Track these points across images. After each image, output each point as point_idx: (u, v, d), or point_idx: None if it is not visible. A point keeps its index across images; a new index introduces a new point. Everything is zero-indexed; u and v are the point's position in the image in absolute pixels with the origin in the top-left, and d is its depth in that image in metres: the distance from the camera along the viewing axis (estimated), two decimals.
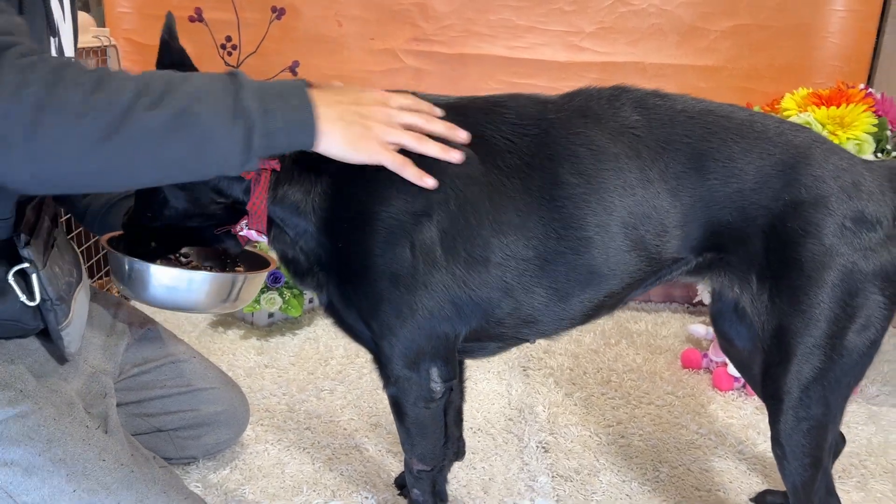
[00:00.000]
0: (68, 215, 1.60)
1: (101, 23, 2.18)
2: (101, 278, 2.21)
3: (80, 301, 1.17)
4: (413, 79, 2.24)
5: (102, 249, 2.16)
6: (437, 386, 1.11)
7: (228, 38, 2.20)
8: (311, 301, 2.27)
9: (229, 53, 2.22)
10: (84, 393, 1.20)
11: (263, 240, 1.12)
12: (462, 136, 1.02)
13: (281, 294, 2.13)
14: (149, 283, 1.16)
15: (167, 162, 0.85)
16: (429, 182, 0.99)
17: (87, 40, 1.97)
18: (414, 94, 1.07)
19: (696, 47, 2.20)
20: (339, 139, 0.93)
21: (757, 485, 1.52)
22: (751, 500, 1.47)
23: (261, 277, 1.27)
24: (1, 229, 1.03)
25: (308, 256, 1.10)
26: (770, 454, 1.60)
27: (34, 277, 1.04)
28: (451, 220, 1.02)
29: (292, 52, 2.22)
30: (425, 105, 1.03)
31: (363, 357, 2.00)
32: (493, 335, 1.12)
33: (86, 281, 1.22)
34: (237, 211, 1.10)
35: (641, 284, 1.11)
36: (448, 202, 1.02)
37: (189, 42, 2.30)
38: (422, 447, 1.18)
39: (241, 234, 1.12)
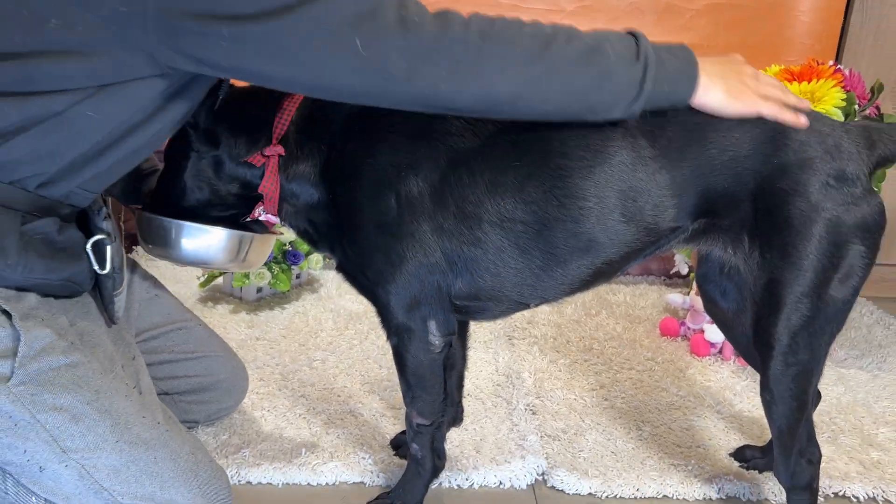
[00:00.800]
0: None
1: None
2: None
3: (126, 270, 1.26)
4: None
5: None
6: (436, 339, 1.18)
7: None
8: (297, 276, 2.30)
9: None
10: (118, 353, 1.23)
11: (277, 220, 1.20)
12: (806, 106, 1.11)
13: (270, 269, 2.16)
14: (173, 238, 1.23)
15: (575, 88, 1.00)
16: (802, 120, 1.09)
17: None
18: None
19: (674, 25, 2.26)
20: (719, 91, 1.05)
21: (735, 441, 1.60)
22: (730, 454, 1.55)
23: (270, 241, 1.31)
24: (86, 200, 1.10)
25: (318, 223, 1.18)
26: (746, 413, 1.70)
27: (108, 248, 1.11)
28: (442, 175, 1.09)
29: None
30: (781, 84, 1.13)
31: (352, 329, 2.05)
32: (492, 296, 1.17)
33: (125, 255, 1.28)
34: (251, 199, 1.20)
35: (641, 253, 1.17)
36: (438, 158, 1.09)
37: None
38: (422, 400, 1.24)
39: (260, 218, 1.21)
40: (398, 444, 1.51)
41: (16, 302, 1.04)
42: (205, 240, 1.22)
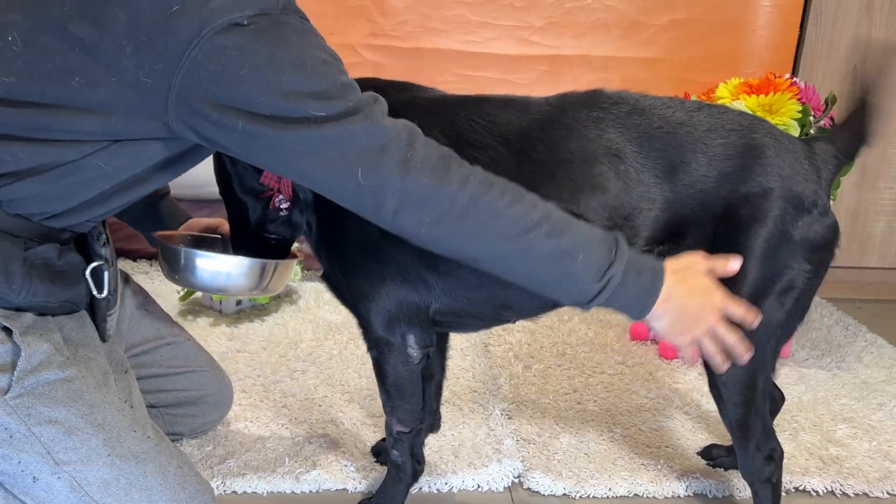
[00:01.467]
0: None
1: None
2: None
3: (120, 290, 1.29)
4: (371, 72, 2.32)
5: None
6: (414, 351, 1.24)
7: None
8: None
9: None
10: (113, 367, 1.27)
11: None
12: (744, 360, 1.15)
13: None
14: (195, 268, 1.29)
15: (535, 277, 1.06)
16: (723, 368, 1.16)
17: None
18: (412, 85, 1.27)
19: (638, 40, 2.35)
20: (663, 325, 1.09)
21: (702, 440, 1.67)
22: (697, 453, 1.62)
23: (291, 266, 1.36)
24: (86, 227, 1.14)
25: (313, 228, 1.27)
26: (712, 413, 1.77)
27: (106, 274, 1.16)
28: None
29: None
30: (750, 317, 1.13)
31: (332, 339, 2.09)
32: (472, 313, 1.25)
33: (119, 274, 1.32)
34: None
35: None
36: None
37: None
38: (401, 409, 1.29)
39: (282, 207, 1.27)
40: (379, 451, 1.56)
41: (15, 319, 1.08)
42: (228, 268, 1.28)
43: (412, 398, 1.29)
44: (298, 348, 2.04)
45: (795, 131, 1.97)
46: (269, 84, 0.93)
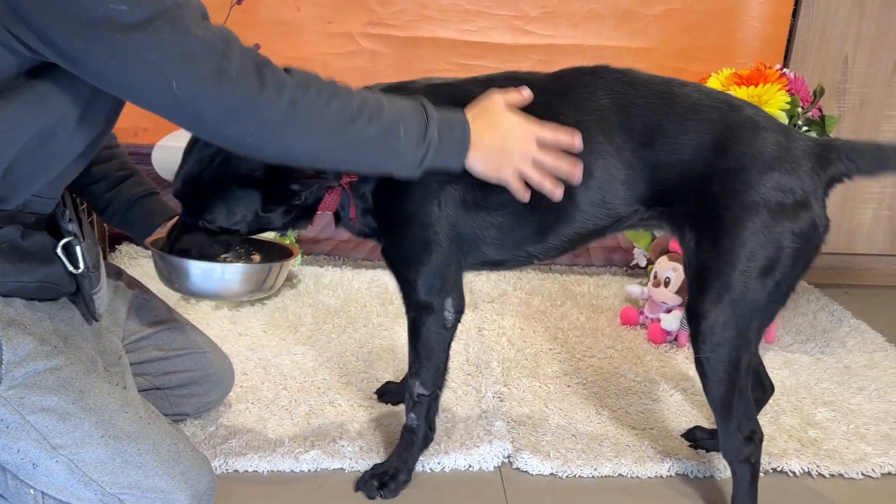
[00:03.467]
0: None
1: None
2: None
3: (103, 267, 1.33)
4: (369, 61, 2.37)
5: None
6: (450, 315, 1.41)
7: None
8: None
9: None
10: (101, 353, 1.33)
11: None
12: (578, 177, 1.27)
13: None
14: (189, 276, 1.34)
15: (366, 159, 1.17)
16: (558, 194, 1.27)
17: None
18: (417, 80, 1.39)
19: (632, 30, 2.38)
20: (481, 167, 1.23)
21: (686, 422, 1.73)
22: (681, 435, 1.68)
23: (288, 265, 1.42)
24: (47, 206, 1.18)
25: (370, 224, 1.42)
26: (697, 396, 1.84)
27: (78, 249, 1.20)
28: (465, 182, 1.31)
29: (253, 35, 2.31)
30: (565, 139, 1.25)
31: (331, 323, 2.15)
32: (500, 259, 1.43)
33: (100, 252, 1.36)
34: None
35: (608, 228, 1.39)
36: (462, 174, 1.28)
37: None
38: (426, 371, 1.43)
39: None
40: (383, 392, 1.77)
41: (1, 309, 1.13)
42: (230, 275, 1.35)
43: (437, 361, 1.43)
44: (298, 332, 2.10)
45: (784, 122, 2.01)
46: None
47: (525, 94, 1.27)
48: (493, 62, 2.39)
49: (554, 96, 1.32)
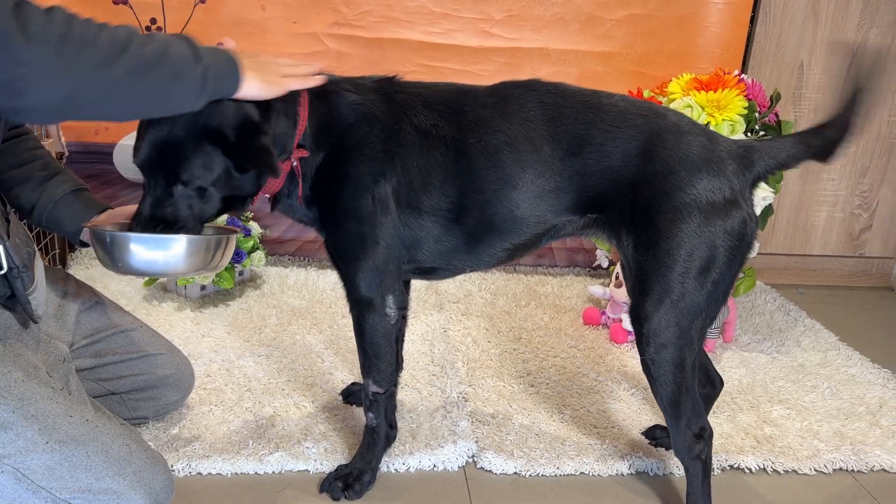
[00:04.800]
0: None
1: None
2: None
3: (39, 268, 1.30)
4: (335, 61, 2.36)
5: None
6: (392, 311, 1.41)
7: (153, 21, 2.26)
8: (241, 274, 2.39)
9: None
10: (44, 358, 1.31)
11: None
12: (315, 66, 1.35)
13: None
14: (131, 252, 1.26)
15: (151, 89, 1.09)
16: (317, 80, 1.32)
17: None
18: (369, 77, 1.42)
19: (595, 34, 2.41)
20: (255, 82, 1.21)
21: (647, 421, 1.77)
22: (641, 433, 1.72)
23: (234, 241, 1.40)
24: None
25: (308, 212, 1.41)
26: None
27: (1, 248, 1.17)
28: (398, 179, 1.33)
29: (217, 34, 2.27)
30: (301, 65, 1.32)
31: (295, 324, 2.15)
32: (434, 266, 1.42)
33: (37, 251, 1.34)
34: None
35: (543, 238, 1.41)
36: (396, 166, 1.33)
37: (114, 23, 2.35)
38: (377, 369, 1.44)
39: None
40: (349, 393, 1.78)
41: None
42: (172, 249, 1.26)
43: (386, 357, 1.44)
44: (262, 333, 2.09)
45: (742, 127, 2.06)
46: None
47: (315, 68, 1.33)
48: (457, 64, 2.40)
49: (487, 109, 1.35)
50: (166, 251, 1.27)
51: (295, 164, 1.34)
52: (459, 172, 1.34)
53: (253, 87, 1.21)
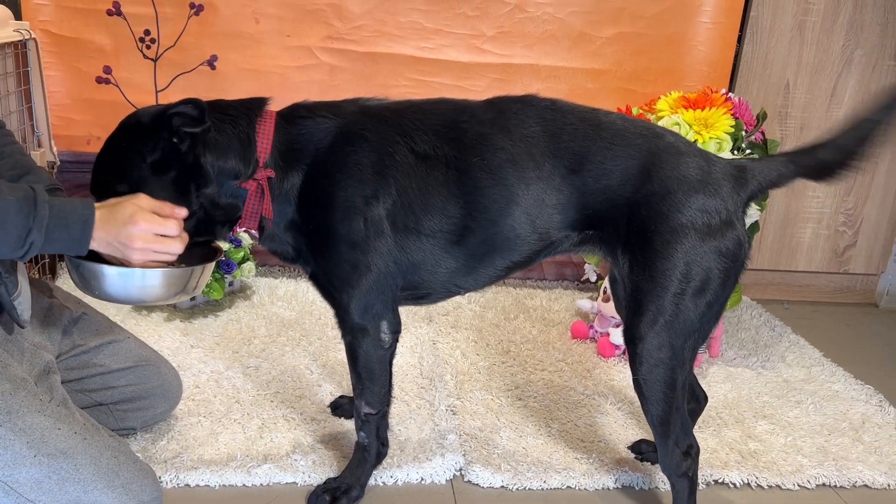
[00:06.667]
0: None
1: (17, 14, 2.20)
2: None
3: (23, 273, 1.30)
4: (327, 75, 2.38)
5: None
6: (386, 336, 1.40)
7: (147, 32, 2.28)
8: (230, 284, 2.39)
9: (147, 47, 2.29)
10: (30, 370, 1.31)
11: (253, 235, 1.33)
12: (182, 213, 1.26)
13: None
14: (107, 283, 1.26)
15: None
16: (177, 249, 1.24)
17: (7, 35, 2.00)
18: (359, 99, 1.39)
19: (585, 51, 2.45)
20: (103, 250, 1.19)
21: (633, 436, 1.78)
22: (628, 447, 1.73)
23: (211, 267, 1.40)
24: None
25: (294, 242, 1.38)
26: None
27: None
28: (393, 202, 1.32)
29: (210, 46, 2.31)
30: (167, 209, 1.23)
31: (285, 336, 2.16)
32: (430, 288, 1.41)
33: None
34: (231, 221, 1.37)
35: (541, 254, 1.42)
36: (391, 189, 1.31)
37: (107, 35, 2.39)
38: (370, 391, 1.43)
39: (240, 231, 1.34)
40: (336, 406, 1.77)
41: None
42: (150, 280, 1.27)
43: (380, 381, 1.44)
44: (252, 344, 2.09)
45: (728, 145, 2.09)
46: None
47: (179, 213, 1.25)
48: (449, 79, 2.43)
49: (486, 125, 1.35)
50: (142, 283, 1.27)
51: (262, 183, 1.32)
52: (462, 192, 1.33)
53: (101, 248, 1.19)
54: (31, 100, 2.25)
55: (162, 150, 1.26)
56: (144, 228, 1.18)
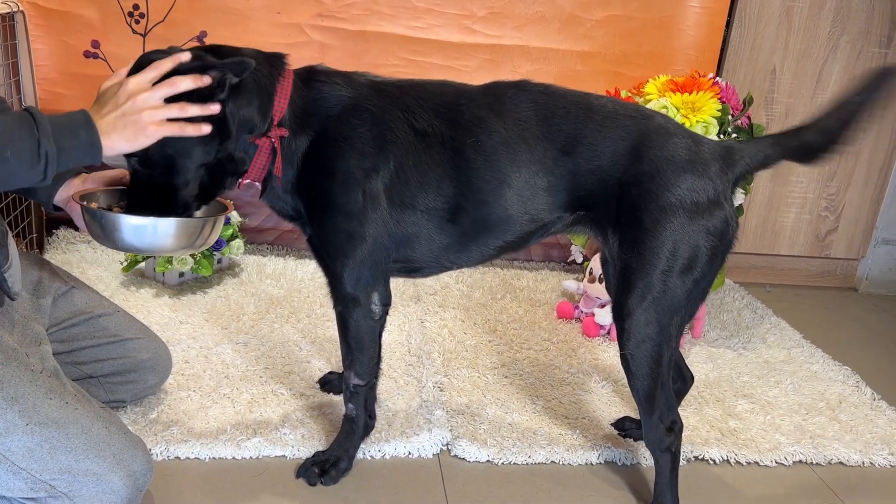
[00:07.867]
0: None
1: None
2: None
3: (13, 246, 1.31)
4: (318, 52, 2.38)
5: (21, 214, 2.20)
6: (377, 308, 1.43)
7: (136, 7, 2.26)
8: (219, 261, 2.40)
9: (136, 21, 2.28)
10: (21, 340, 1.32)
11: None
12: (206, 80, 1.23)
13: (192, 254, 2.25)
14: (122, 231, 1.30)
15: None
16: (205, 129, 1.24)
17: None
18: (367, 73, 1.41)
19: (575, 34, 2.45)
20: (121, 142, 1.19)
21: (616, 413, 1.82)
22: (611, 424, 1.77)
23: (222, 220, 1.42)
24: None
25: (293, 203, 1.40)
26: (627, 388, 1.92)
27: None
28: (391, 176, 1.35)
29: (200, 22, 2.30)
30: (167, 63, 1.22)
31: (273, 313, 2.17)
32: (423, 262, 1.44)
33: (9, 231, 1.35)
34: (237, 174, 1.37)
35: (533, 235, 1.44)
36: (389, 163, 1.34)
37: (96, 10, 2.37)
38: (359, 362, 1.46)
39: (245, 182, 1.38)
40: (325, 382, 1.80)
41: None
42: (165, 229, 1.31)
43: (369, 352, 1.47)
44: (240, 321, 2.11)
45: (715, 129, 2.11)
46: None
47: (183, 57, 1.24)
48: (440, 59, 2.43)
49: (482, 108, 1.37)
50: (154, 233, 1.31)
51: (274, 141, 1.33)
52: (457, 172, 1.36)
53: (120, 147, 1.19)
54: (18, 73, 2.23)
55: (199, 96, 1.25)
56: (130, 88, 1.19)
